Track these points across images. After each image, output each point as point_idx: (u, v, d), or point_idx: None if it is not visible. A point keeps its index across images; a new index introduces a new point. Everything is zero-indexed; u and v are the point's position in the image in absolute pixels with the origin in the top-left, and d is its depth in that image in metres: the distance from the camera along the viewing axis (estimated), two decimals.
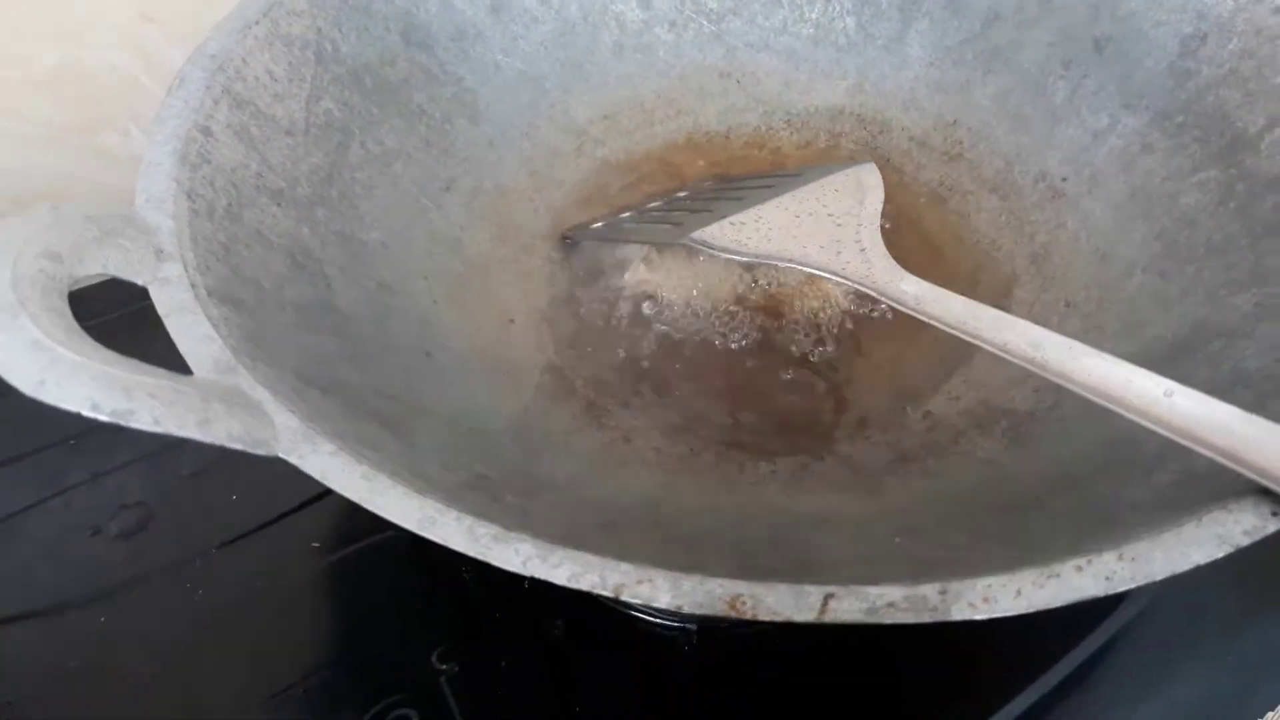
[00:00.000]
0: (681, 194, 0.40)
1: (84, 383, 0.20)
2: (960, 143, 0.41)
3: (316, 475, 0.21)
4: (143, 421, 0.20)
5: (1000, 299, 0.36)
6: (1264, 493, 0.20)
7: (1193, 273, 0.32)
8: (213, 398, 0.21)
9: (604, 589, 0.19)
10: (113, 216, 0.25)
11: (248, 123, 0.31)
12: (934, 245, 0.38)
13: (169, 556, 0.34)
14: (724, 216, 0.34)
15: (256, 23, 0.33)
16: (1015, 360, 0.25)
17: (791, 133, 0.43)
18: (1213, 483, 0.21)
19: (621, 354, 0.35)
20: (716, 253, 0.33)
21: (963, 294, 0.35)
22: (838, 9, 0.43)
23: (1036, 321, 0.34)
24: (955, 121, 0.41)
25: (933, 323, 0.27)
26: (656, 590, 0.19)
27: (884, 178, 0.40)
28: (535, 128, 0.41)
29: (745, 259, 0.32)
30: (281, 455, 0.21)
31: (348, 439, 0.22)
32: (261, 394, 0.22)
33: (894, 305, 0.29)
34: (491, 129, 0.39)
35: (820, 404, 0.34)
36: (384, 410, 0.27)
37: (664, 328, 0.36)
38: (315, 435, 0.22)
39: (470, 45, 0.39)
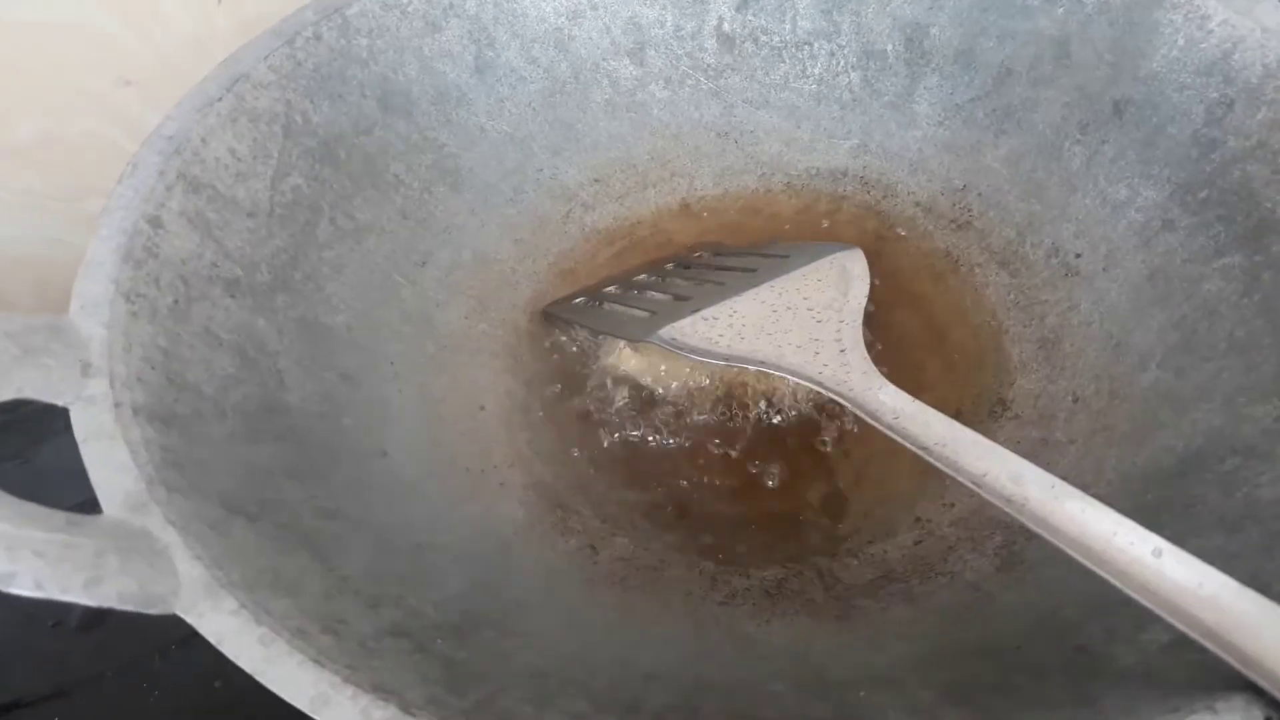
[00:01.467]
0: (668, 265, 0.38)
1: None
2: (969, 209, 0.39)
3: (212, 639, 0.19)
4: (24, 586, 0.19)
5: (1003, 388, 0.34)
6: (1257, 691, 0.18)
7: (1211, 372, 0.29)
8: (109, 549, 0.20)
9: None
10: (37, 330, 0.24)
11: (204, 208, 0.30)
12: (938, 325, 0.36)
13: (127, 653, 0.33)
14: (698, 309, 0.32)
15: (219, 99, 0.31)
16: (991, 498, 0.23)
17: (791, 196, 0.41)
18: (1206, 655, 0.19)
19: (597, 448, 0.33)
20: (686, 354, 0.31)
21: (965, 382, 0.33)
22: (842, 63, 0.40)
23: (1042, 417, 0.32)
24: (965, 186, 0.39)
25: (906, 443, 0.25)
26: None
27: (889, 246, 0.38)
28: (521, 193, 0.39)
29: (716, 362, 0.30)
30: (179, 614, 0.20)
31: (260, 587, 0.21)
32: (171, 536, 0.21)
33: (868, 419, 0.26)
34: (474, 196, 0.38)
35: (805, 508, 0.31)
36: (318, 530, 0.25)
37: (644, 420, 0.34)
38: (218, 590, 0.20)
39: (453, 109, 0.38)
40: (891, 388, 0.27)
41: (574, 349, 0.36)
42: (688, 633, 0.27)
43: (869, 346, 0.35)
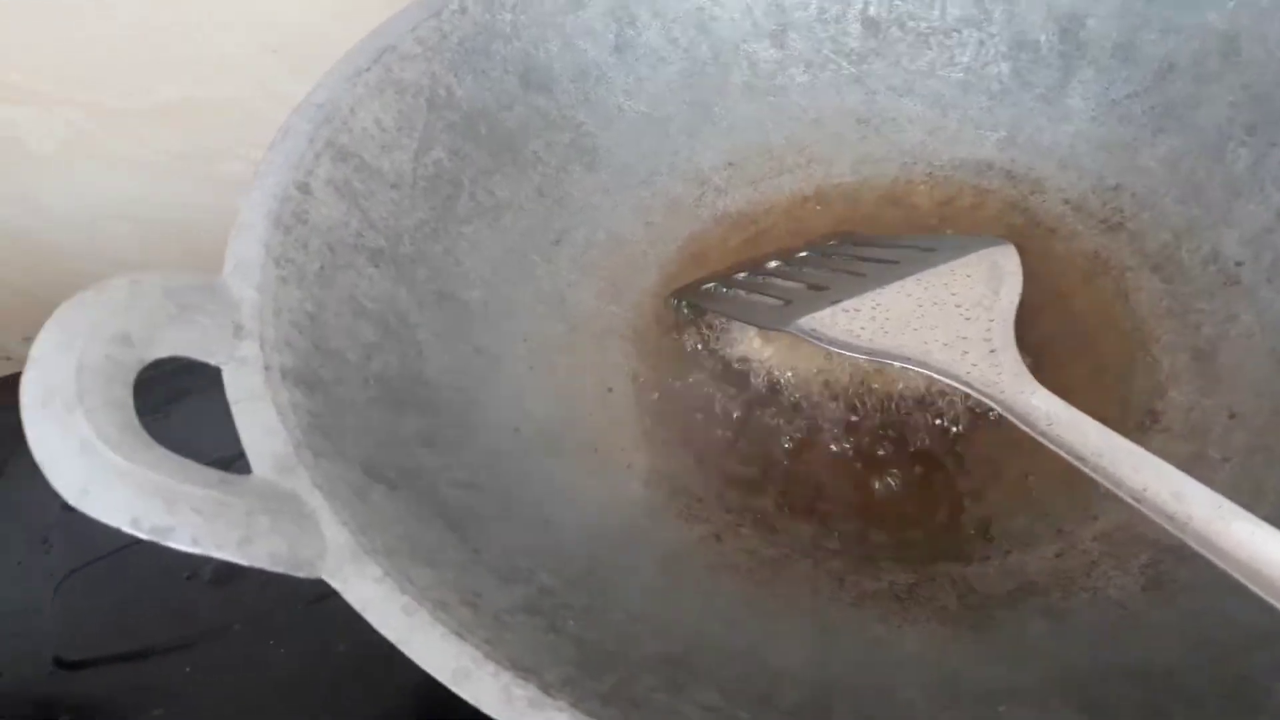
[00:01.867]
0: (802, 253, 0.37)
1: (126, 494, 0.19)
2: (1121, 210, 0.37)
3: (357, 606, 0.20)
4: (181, 540, 0.19)
5: (1153, 399, 0.32)
6: None
7: None
8: (259, 510, 0.20)
9: None
10: (194, 289, 0.25)
11: (351, 177, 0.30)
12: (1083, 330, 0.34)
13: (256, 609, 0.33)
14: (837, 301, 0.31)
15: (368, 69, 0.31)
16: (1150, 513, 0.22)
17: (932, 187, 0.40)
18: None
19: (723, 436, 0.33)
20: (825, 346, 0.30)
21: (1112, 390, 0.32)
22: (992, 53, 0.39)
23: (1194, 431, 0.31)
24: (1118, 186, 0.37)
25: (1060, 451, 0.24)
26: None
27: (1034, 244, 0.37)
28: (656, 174, 0.39)
29: (857, 355, 0.30)
30: (324, 578, 0.20)
31: (400, 555, 0.21)
32: (317, 500, 0.21)
33: (1019, 424, 0.25)
34: (609, 176, 0.38)
35: (940, 508, 0.30)
36: (455, 503, 0.25)
37: (773, 411, 0.33)
38: (363, 556, 0.20)
39: (592, 87, 0.37)
40: (1045, 392, 0.26)
41: (703, 335, 0.36)
42: (813, 631, 0.27)
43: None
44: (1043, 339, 0.34)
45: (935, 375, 0.28)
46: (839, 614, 0.28)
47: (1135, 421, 0.32)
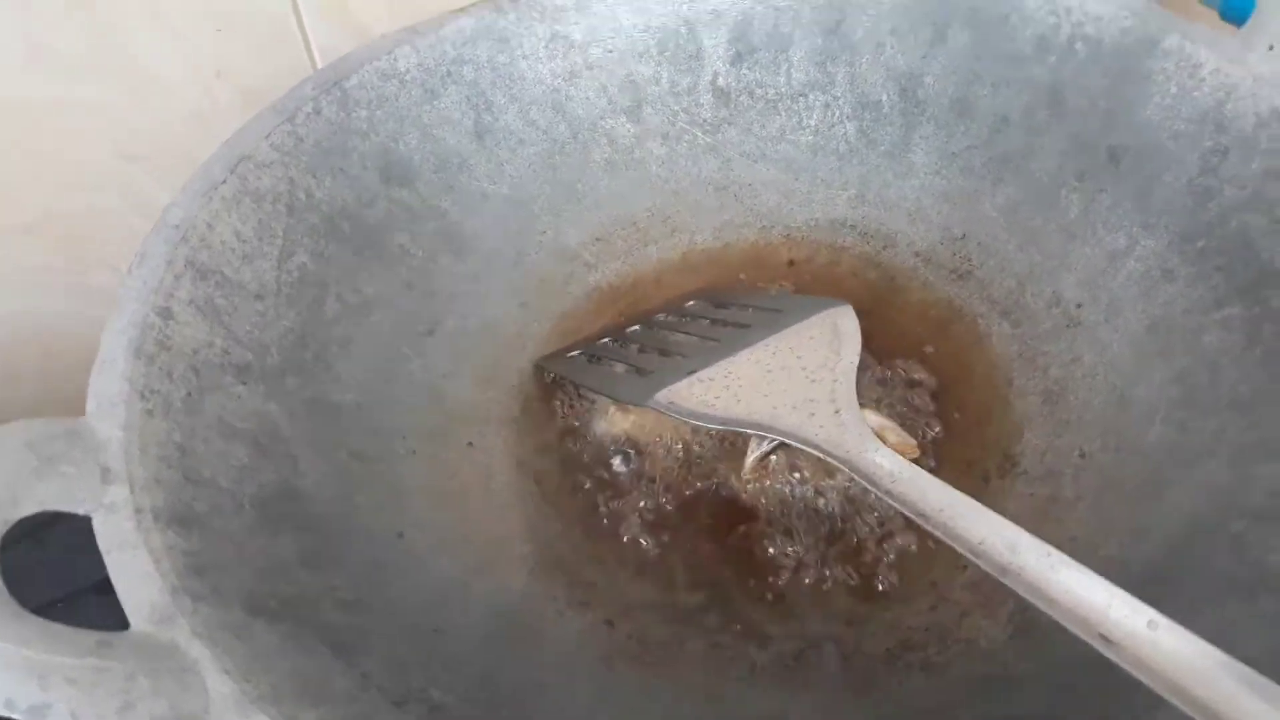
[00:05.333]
0: (660, 315, 0.38)
1: None
2: (969, 259, 0.39)
3: None
4: (59, 716, 0.19)
5: (1010, 443, 0.34)
6: None
7: (1215, 429, 0.30)
8: (139, 671, 0.20)
9: None
10: (56, 436, 0.24)
11: (212, 294, 0.30)
12: (942, 377, 0.36)
13: None
14: (693, 371, 0.33)
15: (223, 181, 0.31)
16: (986, 567, 0.23)
17: (791, 247, 0.41)
18: None
19: (604, 517, 0.33)
20: (682, 418, 0.31)
21: (971, 436, 0.33)
22: (838, 114, 0.41)
23: (1050, 473, 0.33)
24: (964, 235, 0.39)
25: (902, 509, 0.25)
26: None
27: (891, 297, 0.38)
28: (524, 255, 0.39)
29: (713, 426, 0.31)
30: None
31: (286, 698, 0.21)
32: (198, 650, 0.21)
33: (864, 482, 0.27)
34: (478, 262, 0.38)
35: (820, 575, 0.32)
36: (338, 625, 0.25)
37: (644, 486, 0.34)
38: (247, 706, 0.20)
39: (454, 175, 0.38)
40: (887, 450, 0.27)
41: (575, 409, 0.36)
42: (706, 710, 0.28)
43: (875, 402, 0.35)
44: (906, 388, 0.36)
45: (785, 439, 0.29)
46: (732, 690, 0.28)
47: (994, 465, 0.34)
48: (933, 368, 0.37)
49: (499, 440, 0.35)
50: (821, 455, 0.28)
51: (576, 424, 0.36)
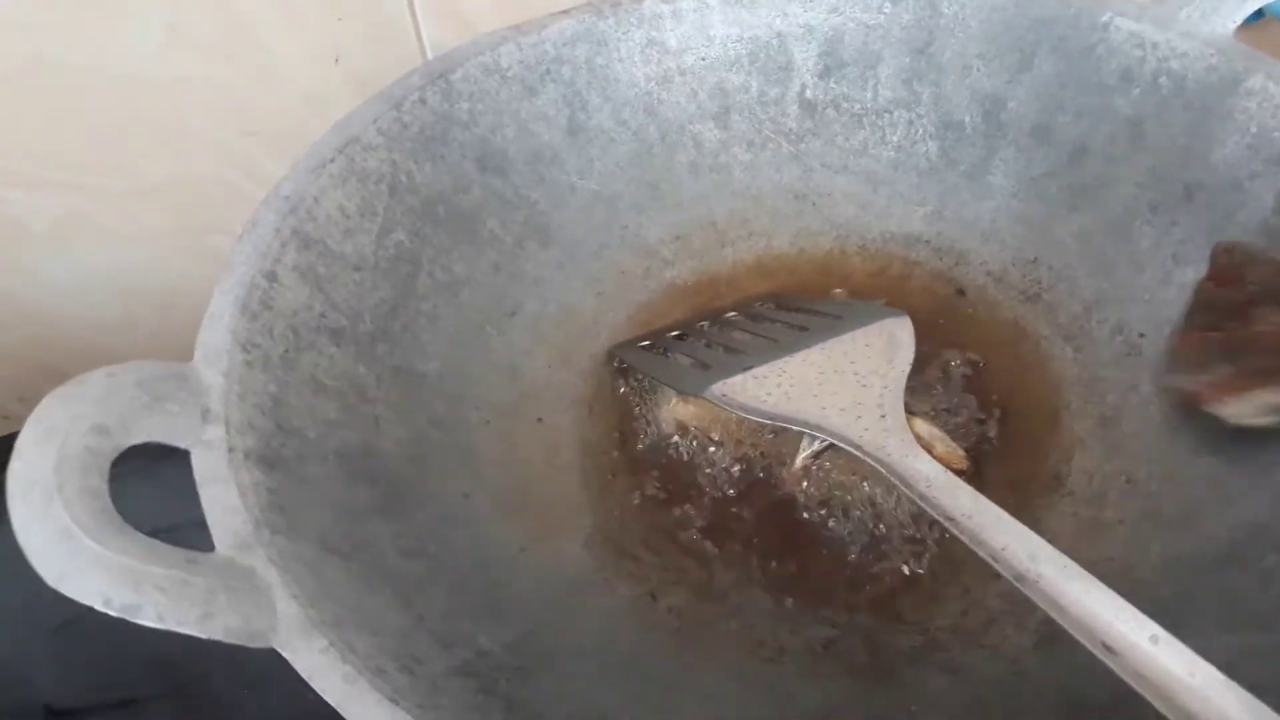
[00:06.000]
0: (730, 314, 0.40)
1: (99, 577, 0.22)
2: (1039, 282, 0.40)
3: (303, 674, 0.22)
4: (148, 617, 0.22)
5: (1061, 463, 0.35)
6: None
7: (1264, 465, 0.30)
8: (219, 587, 0.23)
9: None
10: (165, 378, 0.27)
11: (315, 262, 0.32)
12: (999, 395, 0.37)
13: (235, 657, 0.36)
14: (749, 367, 0.34)
15: (331, 160, 0.34)
16: (1006, 573, 0.24)
17: (864, 259, 0.42)
18: None
19: (661, 497, 0.36)
20: (733, 410, 0.33)
21: (1023, 453, 0.34)
22: (921, 132, 0.42)
23: (1095, 496, 0.33)
24: (1036, 259, 0.40)
25: (933, 511, 0.27)
26: None
27: (959, 313, 0.39)
28: (605, 248, 0.41)
29: (763, 420, 0.32)
30: (276, 648, 0.23)
31: (346, 625, 0.24)
32: (272, 576, 0.24)
33: (900, 484, 0.28)
34: (561, 251, 0.40)
35: (860, 568, 0.33)
36: (402, 571, 0.28)
37: (704, 472, 0.36)
38: (310, 628, 0.23)
39: (545, 168, 0.40)
40: (926, 456, 0.28)
41: (643, 397, 0.38)
42: (733, 688, 0.29)
43: (930, 412, 0.36)
44: (963, 401, 0.37)
45: (831, 438, 0.31)
46: (754, 670, 0.30)
47: (1042, 484, 0.35)
48: (993, 384, 0.38)
49: (568, 419, 0.38)
50: (863, 456, 0.30)
51: (641, 409, 0.38)
